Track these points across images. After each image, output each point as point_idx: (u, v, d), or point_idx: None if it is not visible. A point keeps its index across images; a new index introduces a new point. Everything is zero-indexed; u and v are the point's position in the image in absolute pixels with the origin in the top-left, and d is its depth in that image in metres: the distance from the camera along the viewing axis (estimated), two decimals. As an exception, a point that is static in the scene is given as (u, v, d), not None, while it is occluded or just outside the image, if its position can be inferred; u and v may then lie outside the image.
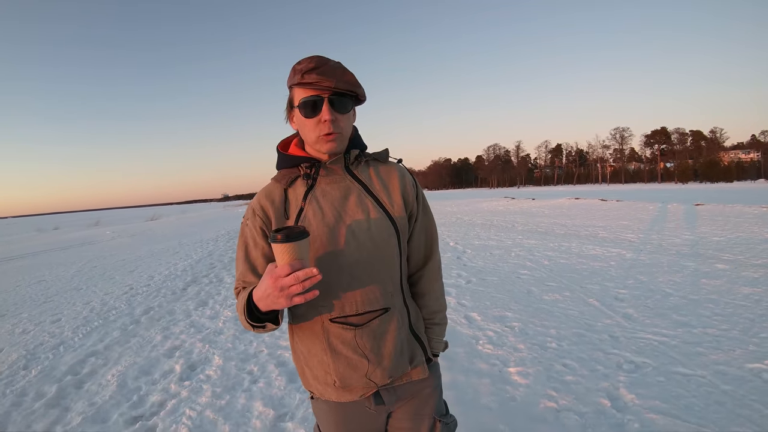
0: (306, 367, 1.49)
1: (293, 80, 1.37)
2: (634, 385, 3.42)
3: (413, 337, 1.52)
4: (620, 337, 4.36)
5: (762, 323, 4.50)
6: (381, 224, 1.42)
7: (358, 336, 1.38)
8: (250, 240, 1.46)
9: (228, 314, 6.06)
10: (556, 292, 6.10)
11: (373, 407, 1.47)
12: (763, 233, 9.93)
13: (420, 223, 1.58)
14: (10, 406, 3.74)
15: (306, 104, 1.36)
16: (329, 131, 1.36)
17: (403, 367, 1.46)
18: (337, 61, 1.39)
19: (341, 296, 1.38)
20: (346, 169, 1.48)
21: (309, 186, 1.44)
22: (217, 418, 3.32)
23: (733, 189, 41.91)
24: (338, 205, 1.41)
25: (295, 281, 1.12)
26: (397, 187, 1.50)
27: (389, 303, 1.43)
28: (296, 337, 1.50)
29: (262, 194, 1.49)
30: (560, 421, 3.01)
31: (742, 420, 2.89)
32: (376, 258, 1.40)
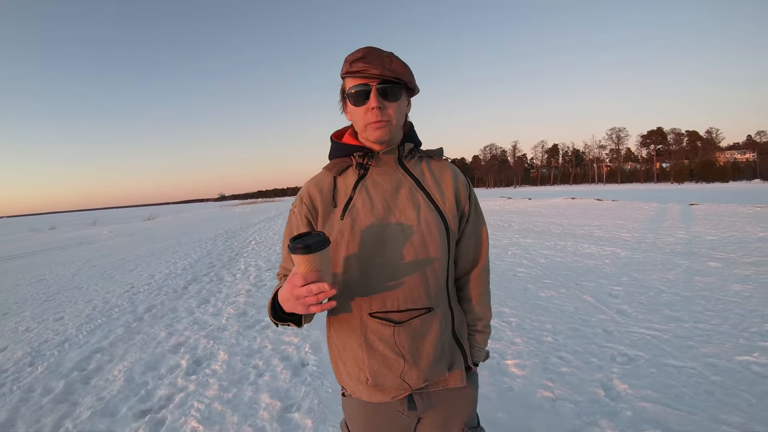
0: (340, 361, 1.47)
1: (343, 70, 1.37)
2: (627, 376, 3.54)
3: (455, 342, 1.48)
4: (614, 332, 4.48)
5: (752, 318, 4.63)
6: (431, 220, 1.38)
7: (396, 333, 1.35)
8: (294, 228, 1.45)
9: (230, 311, 6.13)
10: (552, 289, 6.21)
11: (405, 411, 1.45)
12: (756, 232, 10.09)
13: (471, 224, 1.54)
14: (18, 401, 3.79)
15: (355, 93, 1.35)
16: (377, 119, 1.34)
17: (441, 372, 1.42)
18: (388, 51, 1.37)
19: (383, 291, 1.35)
20: (399, 161, 1.46)
21: (360, 175, 1.42)
22: (225, 410, 3.41)
23: (729, 189, 42.14)
24: (388, 197, 1.39)
25: (308, 293, 1.11)
26: (450, 185, 1.47)
27: (433, 303, 1.39)
28: (333, 329, 1.49)
29: (312, 182, 1.46)
30: (556, 410, 3.14)
31: (731, 408, 3.01)
32: (423, 255, 1.37)
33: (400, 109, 1.40)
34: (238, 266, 10.10)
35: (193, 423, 3.24)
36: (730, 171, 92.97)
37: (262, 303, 6.50)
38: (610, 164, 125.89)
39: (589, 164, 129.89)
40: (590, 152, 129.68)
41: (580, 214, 17.06)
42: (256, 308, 6.22)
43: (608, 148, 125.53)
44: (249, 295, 7.01)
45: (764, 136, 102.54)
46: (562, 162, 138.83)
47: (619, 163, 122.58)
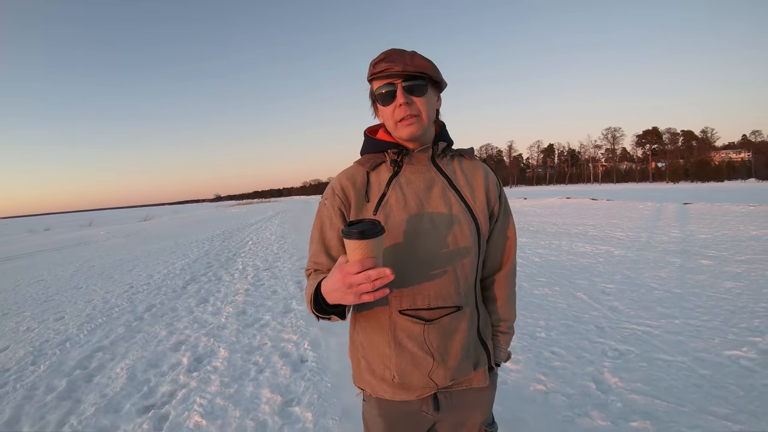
0: (363, 359, 1.47)
1: (369, 74, 1.38)
2: (617, 370, 3.64)
3: (480, 342, 1.49)
4: (606, 328, 4.58)
5: (741, 314, 4.74)
6: (463, 219, 1.39)
7: (426, 331, 1.35)
8: (327, 220, 1.44)
9: (230, 310, 6.21)
10: (546, 286, 6.30)
11: (430, 411, 1.45)
12: (748, 231, 10.18)
13: (500, 224, 1.55)
14: (22, 399, 3.85)
15: (382, 93, 1.36)
16: (405, 114, 1.34)
17: (467, 371, 1.43)
18: (411, 50, 1.38)
19: (414, 288, 1.35)
20: (432, 160, 1.46)
21: (394, 172, 1.42)
22: (228, 405, 3.50)
23: (724, 188, 42.34)
24: (422, 195, 1.39)
25: (365, 280, 1.07)
26: (481, 185, 1.48)
27: (462, 301, 1.40)
28: (358, 327, 1.48)
29: (344, 175, 1.45)
30: (549, 402, 3.24)
31: (718, 400, 3.11)
32: (454, 253, 1.37)
33: (428, 103, 1.39)
34: (236, 266, 10.16)
35: (196, 417, 3.32)
36: (725, 170, 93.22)
37: (261, 302, 6.58)
38: (606, 164, 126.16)
39: (584, 164, 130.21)
40: (586, 152, 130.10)
41: (574, 214, 17.17)
42: (255, 307, 6.30)
43: (604, 147, 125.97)
44: (248, 294, 7.09)
45: (759, 135, 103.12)
46: (558, 162, 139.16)
47: (614, 162, 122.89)
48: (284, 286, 7.53)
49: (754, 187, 45.22)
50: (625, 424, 2.91)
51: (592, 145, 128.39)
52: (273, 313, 5.94)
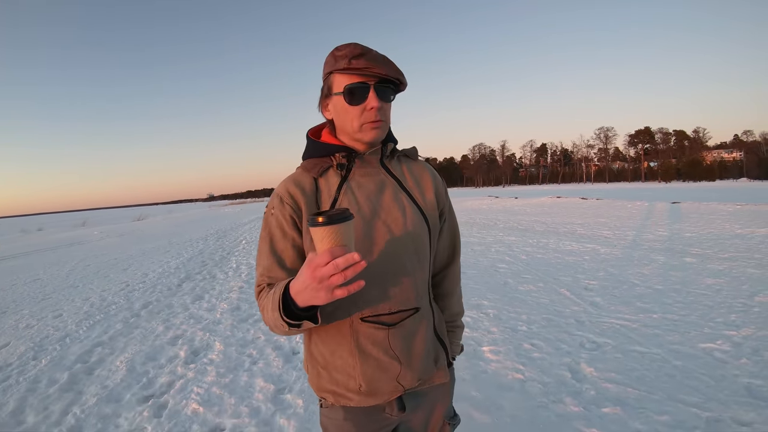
0: (324, 370, 1.40)
1: (335, 66, 1.30)
2: (593, 361, 3.84)
3: (437, 339, 1.49)
4: (585, 322, 4.79)
5: (719, 309, 4.94)
6: (416, 221, 1.37)
7: (391, 336, 1.32)
8: (277, 230, 1.35)
9: (224, 306, 6.38)
10: (531, 283, 6.50)
11: (395, 413, 1.41)
12: (734, 229, 10.42)
13: (447, 222, 1.55)
14: (25, 391, 3.99)
15: (353, 91, 1.29)
16: (375, 119, 1.31)
17: (430, 370, 1.43)
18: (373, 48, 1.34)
19: (375, 294, 1.31)
20: (381, 162, 1.43)
21: (343, 176, 1.37)
22: (223, 393, 3.68)
23: (715, 188, 42.67)
24: (374, 199, 1.36)
25: (334, 270, 0.98)
26: (430, 186, 1.48)
27: (420, 303, 1.39)
28: (316, 338, 1.41)
29: (290, 182, 1.38)
30: (525, 390, 3.43)
31: (689, 389, 3.30)
32: (411, 255, 1.36)
33: (389, 110, 1.38)
34: (230, 265, 10.31)
35: (194, 405, 3.51)
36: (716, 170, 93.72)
37: (254, 299, 6.66)
38: (599, 163, 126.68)
39: (577, 163, 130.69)
40: (578, 151, 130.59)
41: (564, 213, 17.41)
42: (249, 303, 6.47)
43: (596, 147, 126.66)
44: (241, 292, 7.26)
45: (751, 135, 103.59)
46: (551, 161, 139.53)
47: (607, 162, 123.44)
48: (278, 284, 7.64)
49: (745, 186, 45.61)
50: (597, 410, 3.10)
51: (584, 145, 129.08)
52: (266, 309, 6.05)
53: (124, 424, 3.34)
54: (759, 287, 5.70)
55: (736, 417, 2.93)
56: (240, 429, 3.15)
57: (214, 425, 3.24)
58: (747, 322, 4.52)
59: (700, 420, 2.92)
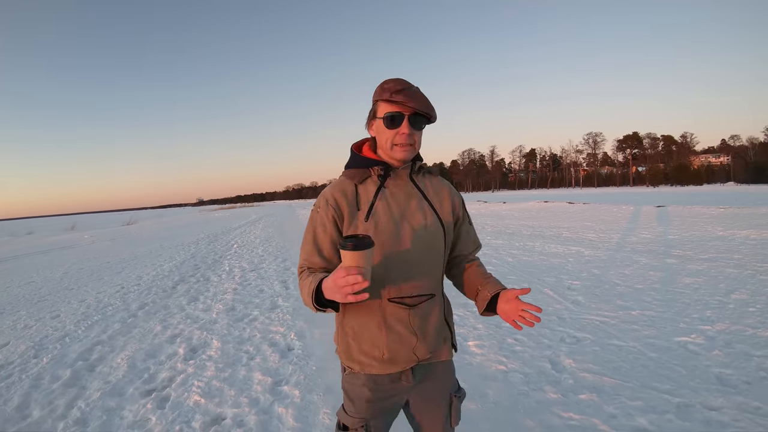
0: (353, 341, 1.68)
1: (381, 96, 1.61)
2: (572, 353, 4.08)
3: (445, 322, 1.77)
4: (567, 318, 5.03)
5: (695, 306, 5.19)
6: (434, 225, 1.66)
7: (411, 315, 1.62)
8: (320, 226, 1.66)
9: (220, 307, 6.54)
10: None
11: (410, 381, 1.69)
12: (715, 231, 10.73)
13: (465, 225, 1.84)
14: (29, 387, 4.11)
15: (391, 118, 1.59)
16: (405, 142, 1.60)
17: (439, 345, 1.72)
18: (416, 86, 1.63)
19: (400, 280, 1.60)
20: (410, 177, 1.71)
21: (380, 185, 1.65)
22: (223, 386, 3.86)
23: (702, 192, 42.97)
24: (403, 205, 1.65)
25: (346, 284, 1.28)
26: (447, 199, 1.76)
27: (435, 290, 1.68)
28: (349, 314, 1.69)
29: (336, 187, 1.68)
30: (508, 380, 3.66)
31: (662, 378, 3.54)
32: (429, 252, 1.65)
33: (420, 137, 1.68)
34: (223, 268, 10.46)
35: (196, 397, 3.69)
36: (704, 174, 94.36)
37: (249, 299, 6.93)
38: (587, 168, 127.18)
39: (566, 168, 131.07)
40: (567, 156, 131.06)
41: (551, 217, 17.69)
42: (244, 304, 6.64)
43: (585, 152, 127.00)
44: (236, 293, 7.41)
45: (738, 140, 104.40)
46: (540, 166, 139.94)
47: (595, 167, 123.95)
48: (270, 286, 7.87)
49: (731, 190, 46.02)
50: (574, 397, 3.32)
51: (573, 150, 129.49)
52: (261, 309, 6.28)
53: (129, 416, 3.49)
54: (735, 285, 5.96)
55: (705, 402, 3.15)
56: (241, 417, 3.34)
57: (216, 414, 3.41)
58: (722, 318, 4.76)
59: (671, 405, 3.14)
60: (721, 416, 2.99)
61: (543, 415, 3.11)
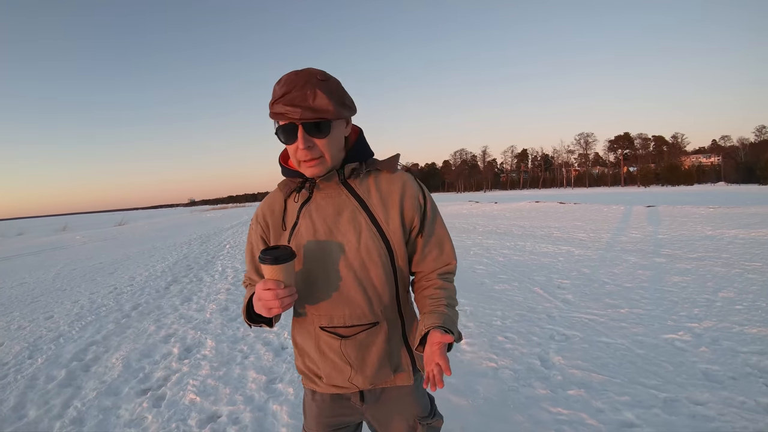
0: (300, 355, 1.59)
1: (270, 106, 1.32)
2: (561, 350, 4.16)
3: (405, 345, 1.53)
4: (556, 317, 5.11)
5: (683, 304, 5.28)
6: (371, 243, 1.39)
7: (343, 345, 1.43)
8: (254, 243, 1.55)
9: (213, 307, 6.58)
10: (506, 283, 6.82)
11: (358, 403, 1.56)
12: (704, 231, 10.87)
13: (426, 234, 1.50)
14: (24, 388, 4.13)
15: (281, 132, 1.32)
16: (307, 157, 1.32)
17: (386, 376, 1.50)
18: (315, 74, 1.29)
19: (330, 309, 1.42)
20: (343, 182, 1.43)
21: (306, 199, 1.44)
22: (218, 384, 3.92)
23: (692, 192, 43.28)
24: (330, 222, 1.40)
25: (269, 297, 1.23)
26: (396, 202, 1.44)
27: (378, 318, 1.43)
28: (295, 329, 1.58)
29: (266, 203, 1.53)
30: (498, 376, 3.74)
31: (649, 374, 3.62)
32: (364, 276, 1.39)
33: (332, 141, 1.35)
34: (216, 268, 10.47)
35: (191, 395, 3.74)
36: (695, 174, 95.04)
37: (241, 300, 6.86)
38: (579, 168, 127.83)
39: (557, 168, 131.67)
40: (559, 157, 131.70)
41: (542, 217, 17.82)
42: (237, 304, 6.68)
43: (576, 152, 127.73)
44: (229, 293, 7.46)
45: (728, 140, 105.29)
46: (532, 167, 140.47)
47: (587, 167, 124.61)
48: (264, 286, 7.86)
49: (722, 190, 46.44)
50: (563, 392, 3.40)
51: (565, 150, 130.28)
52: (254, 310, 6.28)
53: (125, 415, 3.53)
54: (723, 284, 6.06)
55: (691, 397, 3.23)
56: (236, 415, 3.39)
57: (211, 412, 3.47)
58: (709, 316, 4.85)
59: (658, 400, 3.22)
60: (706, 410, 3.05)
61: (532, 410, 3.19)
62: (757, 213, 13.32)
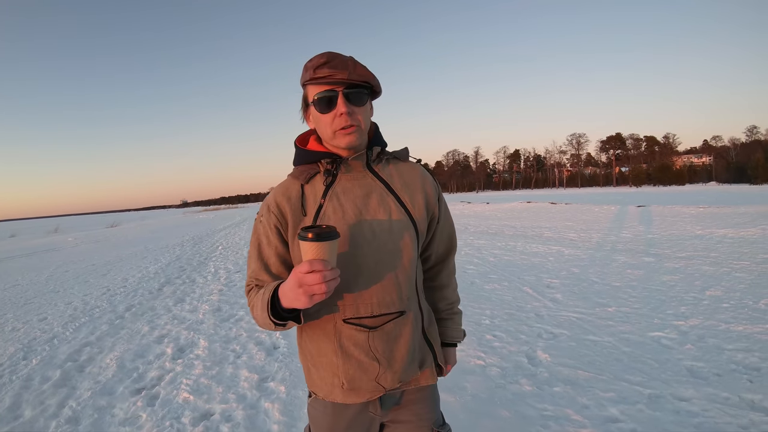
0: (313, 367, 1.46)
1: (305, 77, 1.34)
2: (549, 348, 4.25)
3: (425, 341, 1.50)
4: (545, 315, 5.20)
5: (670, 303, 5.38)
6: (402, 225, 1.38)
7: (371, 338, 1.34)
8: (264, 237, 1.43)
9: (206, 308, 6.63)
10: (496, 282, 6.92)
11: (378, 412, 1.46)
12: (694, 230, 10.99)
13: (442, 224, 1.57)
14: (20, 388, 4.16)
15: (321, 100, 1.32)
16: (346, 124, 1.32)
17: (414, 372, 1.44)
18: (348, 55, 1.35)
19: (357, 297, 1.34)
20: (368, 166, 1.44)
21: (329, 182, 1.40)
22: (211, 383, 3.98)
23: (684, 192, 43.56)
24: (359, 204, 1.37)
25: (313, 281, 1.10)
26: (419, 188, 1.48)
27: (405, 306, 1.39)
28: (305, 335, 1.47)
29: (279, 191, 1.43)
30: (486, 373, 3.82)
31: (634, 371, 3.70)
32: (395, 259, 1.37)
33: (367, 113, 1.39)
34: (208, 269, 10.52)
35: (185, 394, 3.79)
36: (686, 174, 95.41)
37: (234, 300, 7.02)
38: (571, 169, 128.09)
39: (550, 169, 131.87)
40: (551, 157, 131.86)
41: (533, 217, 17.98)
42: (230, 305, 6.74)
43: (569, 153, 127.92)
44: (221, 294, 7.51)
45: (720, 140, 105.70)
46: (524, 167, 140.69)
47: (579, 167, 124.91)
48: (256, 287, 7.91)
49: (713, 189, 46.77)
50: (549, 389, 3.48)
51: (557, 151, 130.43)
52: (246, 309, 6.36)
53: (120, 414, 3.58)
54: (711, 282, 6.17)
55: (675, 393, 3.31)
56: (229, 413, 3.45)
57: (204, 410, 3.53)
58: (696, 314, 4.95)
59: (642, 396, 3.30)
60: (690, 406, 3.13)
61: (518, 407, 3.27)
62: (746, 212, 13.47)
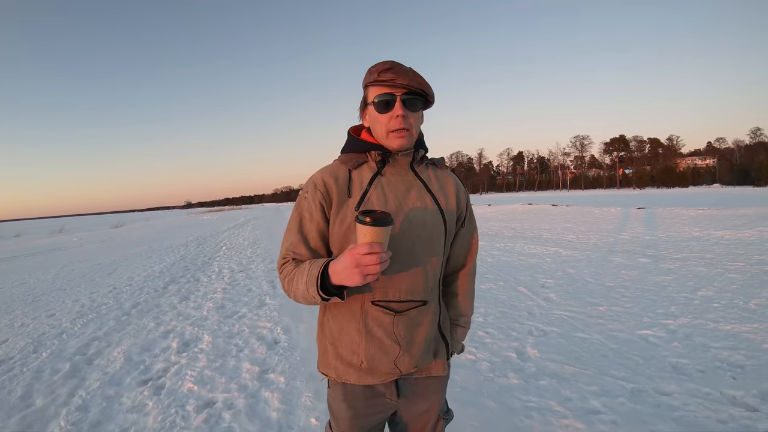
0: (331, 345, 1.55)
1: (369, 79, 1.47)
2: (538, 345, 4.41)
3: (440, 334, 1.59)
4: (537, 314, 5.35)
5: (661, 302, 5.53)
6: (436, 221, 1.50)
7: (396, 322, 1.44)
8: (306, 213, 1.50)
9: (210, 305, 6.79)
10: (492, 282, 7.07)
11: (393, 398, 1.55)
12: (691, 232, 11.10)
13: (466, 228, 1.69)
14: (31, 379, 4.33)
15: (381, 101, 1.44)
16: (400, 126, 1.44)
17: (428, 360, 1.54)
18: (409, 66, 1.48)
19: (387, 281, 1.43)
20: (411, 166, 1.55)
21: (376, 172, 1.50)
22: (215, 375, 4.16)
23: (687, 194, 43.47)
24: (401, 196, 1.48)
25: (371, 262, 1.20)
26: (452, 191, 1.60)
27: (428, 297, 1.50)
28: (329, 314, 1.56)
29: (326, 171, 1.52)
30: (476, 367, 3.99)
31: (619, 366, 3.86)
32: (426, 251, 1.48)
33: (418, 120, 1.51)
34: (212, 269, 10.68)
35: (189, 384, 3.97)
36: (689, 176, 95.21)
37: (238, 298, 7.19)
38: (575, 171, 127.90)
39: (553, 171, 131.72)
40: (555, 159, 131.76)
41: (534, 219, 18.14)
42: (233, 302, 6.91)
43: (572, 155, 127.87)
44: (225, 292, 7.67)
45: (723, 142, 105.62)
46: (528, 169, 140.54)
47: (583, 169, 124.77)
48: (258, 285, 8.13)
49: (716, 192, 46.67)
50: (535, 382, 3.65)
51: (561, 153, 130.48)
52: (249, 307, 6.56)
53: (128, 402, 3.76)
54: (703, 283, 6.32)
55: (658, 388, 3.45)
56: (231, 401, 3.63)
57: (208, 399, 3.71)
58: (685, 313, 5.09)
59: (625, 390, 3.45)
60: (671, 400, 3.26)
61: (504, 398, 3.43)
62: (745, 214, 13.50)
